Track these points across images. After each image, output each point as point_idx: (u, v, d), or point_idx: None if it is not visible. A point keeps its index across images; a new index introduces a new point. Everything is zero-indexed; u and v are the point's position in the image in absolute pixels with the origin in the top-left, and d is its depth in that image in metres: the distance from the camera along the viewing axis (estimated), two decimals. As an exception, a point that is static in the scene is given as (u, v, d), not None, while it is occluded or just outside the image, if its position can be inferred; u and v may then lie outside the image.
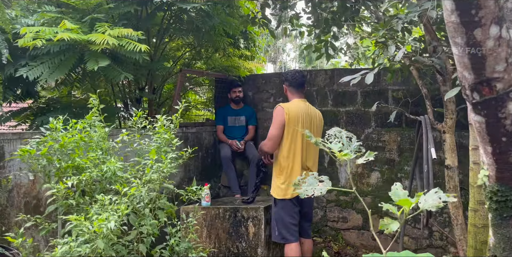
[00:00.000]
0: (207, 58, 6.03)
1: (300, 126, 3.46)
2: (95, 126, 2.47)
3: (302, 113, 3.52)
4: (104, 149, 2.44)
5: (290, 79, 3.67)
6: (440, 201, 1.61)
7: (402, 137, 4.71)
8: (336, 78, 5.11)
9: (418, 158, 4.00)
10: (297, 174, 3.40)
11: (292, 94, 3.67)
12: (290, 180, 3.38)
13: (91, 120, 2.48)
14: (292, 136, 3.43)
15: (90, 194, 2.30)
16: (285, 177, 3.43)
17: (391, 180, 4.75)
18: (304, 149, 3.53)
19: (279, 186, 3.44)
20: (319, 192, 1.89)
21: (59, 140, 2.31)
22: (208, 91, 6.86)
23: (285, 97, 5.41)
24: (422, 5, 3.26)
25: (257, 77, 5.70)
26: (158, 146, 2.47)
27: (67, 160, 2.28)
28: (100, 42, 3.53)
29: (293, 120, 3.44)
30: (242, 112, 5.33)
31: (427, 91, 3.82)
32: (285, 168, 3.43)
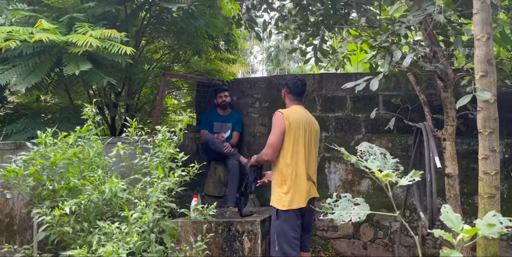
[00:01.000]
0: (185, 61, 5.78)
1: (301, 132, 3.29)
2: (90, 140, 2.17)
3: (302, 119, 3.35)
4: (101, 166, 2.15)
5: (291, 86, 3.50)
6: (502, 226, 1.46)
7: (394, 144, 4.61)
8: (325, 83, 4.97)
9: (415, 165, 3.90)
10: (302, 182, 3.23)
11: (290, 100, 3.50)
12: (295, 189, 3.21)
13: (85, 133, 2.18)
14: (294, 143, 3.25)
15: (86, 218, 2.01)
16: (288, 186, 3.23)
17: (382, 187, 4.63)
18: (306, 157, 3.36)
19: (282, 196, 3.24)
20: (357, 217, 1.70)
21: (49, 156, 2.01)
22: (187, 95, 6.59)
23: (271, 102, 5.24)
24: (426, 9, 3.16)
25: (242, 81, 5.48)
26: (161, 161, 2.21)
27: (59, 180, 1.99)
28: (82, 44, 3.22)
29: (294, 126, 3.26)
30: (229, 118, 5.08)
31: (425, 97, 3.72)
32: (288, 177, 3.24)
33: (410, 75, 3.75)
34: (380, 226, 4.65)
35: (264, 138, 5.28)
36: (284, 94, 3.56)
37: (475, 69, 2.67)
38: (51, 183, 1.98)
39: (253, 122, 5.34)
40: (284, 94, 3.56)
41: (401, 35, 3.17)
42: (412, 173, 1.55)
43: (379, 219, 4.65)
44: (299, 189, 3.24)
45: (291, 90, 3.51)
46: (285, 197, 3.22)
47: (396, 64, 3.07)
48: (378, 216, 4.65)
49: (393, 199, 4.44)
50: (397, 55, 3.00)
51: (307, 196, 3.27)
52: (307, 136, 3.40)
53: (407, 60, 2.87)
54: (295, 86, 3.52)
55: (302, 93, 3.56)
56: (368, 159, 1.63)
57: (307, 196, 3.28)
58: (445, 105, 3.47)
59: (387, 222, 4.62)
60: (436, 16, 2.93)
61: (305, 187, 3.26)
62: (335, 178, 4.88)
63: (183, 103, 6.66)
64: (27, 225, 3.24)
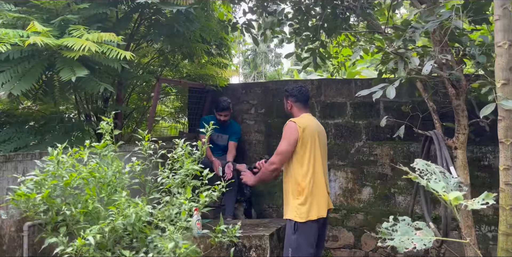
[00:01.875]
0: (174, 65, 5.56)
1: (317, 141, 3.17)
2: (107, 157, 1.94)
3: (315, 127, 3.25)
4: (120, 186, 1.93)
5: (298, 94, 3.38)
6: None
7: (395, 151, 4.52)
8: (324, 89, 4.84)
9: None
10: (321, 191, 3.13)
11: (299, 109, 3.37)
12: (313, 199, 3.08)
13: (101, 149, 1.94)
14: (310, 152, 3.13)
15: (105, 244, 1.79)
16: (306, 196, 3.09)
17: (383, 195, 4.55)
18: (323, 165, 3.25)
19: (299, 207, 3.09)
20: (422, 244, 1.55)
21: (61, 175, 1.78)
22: (175, 101, 6.35)
23: (267, 108, 5.08)
24: (441, 14, 3.07)
25: (237, 87, 5.31)
26: (182, 179, 2.01)
27: (74, 203, 1.76)
28: (80, 48, 2.99)
29: (309, 135, 3.14)
30: (228, 130, 4.86)
31: (433, 104, 3.64)
32: (305, 187, 3.10)
33: (418, 82, 3.66)
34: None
35: (260, 145, 5.12)
36: (291, 104, 3.40)
37: (496, 77, 2.58)
38: (67, 207, 1.75)
39: (248, 129, 5.17)
40: (290, 105, 3.40)
41: (416, 41, 3.07)
42: (485, 195, 1.42)
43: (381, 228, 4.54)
44: (318, 199, 3.12)
45: (298, 98, 3.39)
46: (303, 208, 3.08)
47: (412, 71, 2.97)
48: (380, 225, 4.54)
49: (395, 207, 4.33)
50: (415, 62, 2.89)
51: (326, 206, 3.16)
52: (322, 144, 3.29)
53: (427, 68, 2.76)
54: (301, 93, 3.40)
55: (308, 99, 3.46)
56: (431, 179, 1.48)
57: (326, 206, 3.17)
58: (457, 113, 3.39)
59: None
60: (454, 21, 2.84)
61: (324, 196, 3.16)
62: (335, 186, 4.76)
63: (171, 108, 6.41)
64: (17, 244, 2.98)
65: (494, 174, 4.15)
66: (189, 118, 5.34)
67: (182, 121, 6.02)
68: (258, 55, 32.95)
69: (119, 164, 1.91)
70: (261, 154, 5.09)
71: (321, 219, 3.14)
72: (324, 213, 3.11)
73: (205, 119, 4.93)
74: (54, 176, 1.77)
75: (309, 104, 3.46)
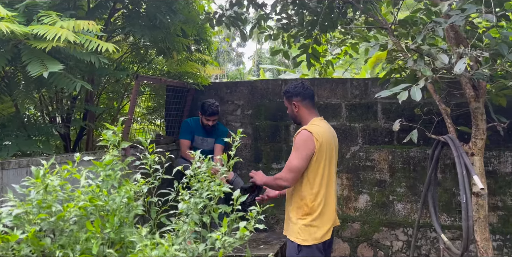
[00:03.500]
0: (147, 62, 5.05)
1: (333, 154, 2.76)
2: (113, 178, 1.44)
3: (331, 137, 2.80)
4: (131, 217, 1.45)
5: (303, 91, 2.84)
6: None
7: (394, 156, 4.24)
8: (317, 89, 4.50)
9: (431, 183, 3.53)
10: (330, 211, 2.71)
11: (309, 110, 2.85)
12: (322, 220, 2.66)
13: (103, 167, 1.44)
14: (324, 167, 2.69)
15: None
16: (314, 217, 2.68)
17: (382, 203, 4.26)
18: (335, 182, 2.85)
19: (304, 229, 2.68)
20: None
21: (48, 205, 1.29)
22: (148, 100, 5.82)
23: (255, 109, 4.67)
24: (466, 9, 2.78)
25: (221, 86, 4.87)
26: (206, 203, 1.56)
27: (70, 244, 1.27)
28: (54, 37, 2.48)
29: (325, 148, 2.68)
30: (213, 132, 4.41)
31: (445, 106, 3.37)
32: (315, 207, 2.67)
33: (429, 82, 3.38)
34: (380, 246, 4.25)
35: (247, 150, 4.71)
36: (297, 105, 2.83)
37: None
38: (62, 251, 1.26)
39: (234, 132, 4.73)
40: (297, 106, 2.83)
41: (441, 35, 2.76)
42: None
43: (379, 238, 4.26)
44: (326, 220, 2.70)
45: (305, 96, 2.82)
46: (310, 230, 2.67)
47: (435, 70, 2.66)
48: (378, 235, 4.26)
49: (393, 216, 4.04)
50: (443, 59, 2.58)
51: (332, 225, 2.76)
52: (336, 157, 2.87)
53: (460, 66, 2.45)
54: (305, 89, 2.84)
55: (314, 96, 2.97)
56: None
57: (333, 225, 2.77)
58: (475, 116, 3.13)
59: (388, 242, 4.24)
60: (486, 15, 2.55)
61: (332, 216, 2.75)
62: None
63: (143, 108, 5.87)
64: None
65: (499, 180, 3.95)
66: (166, 120, 4.85)
67: (157, 123, 5.51)
68: (221, 54, 32.29)
69: (130, 188, 1.43)
70: (248, 159, 4.68)
71: (327, 240, 2.75)
72: (328, 235, 2.72)
73: (187, 123, 4.47)
74: (40, 206, 1.29)
75: None
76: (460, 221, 4.06)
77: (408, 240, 4.16)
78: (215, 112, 4.21)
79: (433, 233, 4.10)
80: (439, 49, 2.76)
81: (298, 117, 2.89)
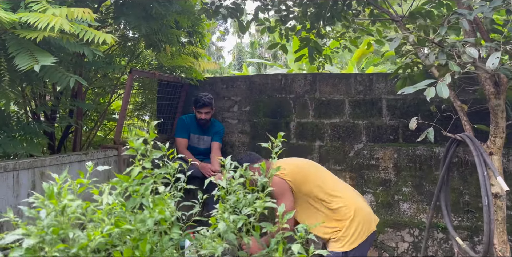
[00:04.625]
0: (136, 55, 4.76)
1: (312, 169, 2.74)
2: (143, 195, 1.14)
3: (294, 163, 2.79)
4: (167, 243, 1.18)
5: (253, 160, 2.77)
6: None
7: (400, 154, 4.08)
8: (319, 84, 4.30)
9: (444, 184, 3.38)
10: (362, 205, 2.69)
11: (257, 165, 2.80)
12: (357, 224, 2.55)
13: (129, 182, 1.15)
14: (320, 186, 2.67)
15: None
16: (347, 226, 2.56)
17: (386, 203, 4.11)
18: (341, 182, 2.75)
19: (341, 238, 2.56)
20: None
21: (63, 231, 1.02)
22: (136, 95, 5.51)
23: (253, 105, 4.43)
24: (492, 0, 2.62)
25: (217, 81, 4.61)
26: (245, 220, 1.30)
27: None
28: (47, 26, 2.19)
29: (303, 176, 2.68)
30: (209, 130, 4.17)
31: (460, 103, 3.22)
32: (344, 219, 2.56)
33: (443, 78, 3.21)
34: (385, 247, 4.10)
35: (244, 148, 4.48)
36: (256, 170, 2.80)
37: None
38: None
39: (231, 129, 4.51)
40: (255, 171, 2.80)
41: (466, 28, 2.59)
42: None
43: (384, 240, 4.11)
44: (362, 216, 2.62)
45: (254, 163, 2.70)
46: (348, 236, 2.55)
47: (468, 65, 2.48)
48: (382, 236, 4.11)
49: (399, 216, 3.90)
50: (472, 53, 2.41)
51: (369, 223, 2.67)
52: (317, 167, 2.83)
53: (493, 61, 2.29)
54: (252, 160, 2.76)
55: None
56: None
57: (370, 222, 2.67)
58: (495, 114, 2.98)
59: (393, 243, 4.09)
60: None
61: (367, 208, 2.72)
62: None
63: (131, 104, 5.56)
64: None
65: (508, 178, 3.84)
66: (158, 117, 4.57)
67: (146, 120, 5.21)
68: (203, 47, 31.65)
69: (171, 208, 1.17)
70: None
71: (372, 234, 2.66)
72: (374, 225, 2.66)
73: (182, 120, 4.22)
74: (57, 233, 1.02)
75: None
76: (468, 222, 3.94)
77: (414, 242, 4.02)
78: (207, 103, 3.98)
79: (440, 233, 3.98)
80: (464, 42, 2.59)
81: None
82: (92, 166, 1.28)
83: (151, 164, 1.27)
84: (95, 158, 3.29)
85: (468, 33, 3.04)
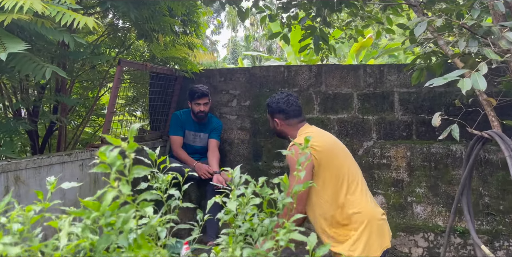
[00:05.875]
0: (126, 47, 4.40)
1: (342, 155, 2.30)
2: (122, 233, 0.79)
3: (328, 138, 2.35)
4: None
5: (287, 108, 2.36)
6: None
7: (413, 152, 3.77)
8: (325, 77, 3.96)
9: (465, 187, 3.07)
10: (376, 219, 2.30)
11: (293, 126, 2.37)
12: (369, 234, 2.20)
13: (114, 209, 0.78)
14: (339, 173, 2.21)
15: None
16: (359, 234, 2.21)
17: (399, 205, 3.80)
18: (364, 183, 2.42)
19: (351, 246, 2.21)
20: None
21: None
22: (127, 89, 5.15)
23: (253, 100, 4.09)
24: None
25: (214, 74, 4.27)
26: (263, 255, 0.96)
27: None
28: (15, 7, 1.84)
29: (328, 154, 2.19)
30: (206, 126, 3.84)
31: (488, 97, 2.90)
32: (354, 221, 2.20)
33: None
34: (397, 253, 3.80)
35: (244, 146, 4.15)
36: (279, 123, 2.38)
37: None
38: None
39: (229, 126, 4.17)
40: (278, 124, 2.39)
41: (502, 10, 2.27)
42: None
43: (396, 245, 3.81)
44: (375, 232, 2.27)
45: (289, 115, 2.36)
46: (357, 245, 2.22)
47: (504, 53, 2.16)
48: (394, 241, 3.80)
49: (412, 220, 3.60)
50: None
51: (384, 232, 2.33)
52: (349, 157, 2.39)
53: (539, 48, 1.97)
54: (289, 105, 2.37)
55: (301, 110, 2.44)
56: None
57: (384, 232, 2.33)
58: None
59: (406, 248, 3.79)
60: None
61: (383, 222, 2.35)
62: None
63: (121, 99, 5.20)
64: None
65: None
66: (151, 112, 4.22)
67: (138, 115, 4.87)
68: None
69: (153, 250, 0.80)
70: (245, 157, 4.13)
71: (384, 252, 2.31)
72: (388, 241, 2.31)
73: (176, 116, 3.88)
74: None
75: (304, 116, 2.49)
76: (488, 225, 3.64)
77: (429, 247, 3.72)
78: (205, 93, 3.66)
79: (458, 238, 3.68)
80: (501, 26, 2.27)
81: (281, 133, 2.43)
82: (54, 184, 0.94)
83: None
84: (80, 159, 2.95)
85: (497, 18, 2.72)
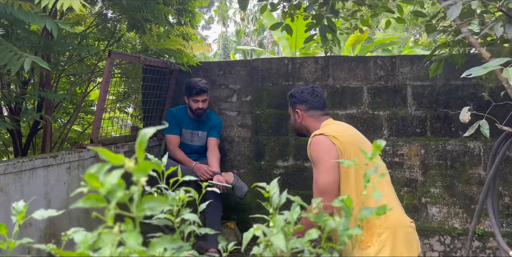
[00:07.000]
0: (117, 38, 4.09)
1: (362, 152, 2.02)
2: None
3: (352, 132, 2.12)
4: None
5: (311, 99, 2.21)
6: None
7: (427, 150, 3.52)
8: (332, 69, 3.69)
9: (490, 188, 2.83)
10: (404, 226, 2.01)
11: (316, 118, 2.20)
12: (395, 242, 1.92)
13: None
14: (357, 175, 1.95)
15: None
16: (383, 240, 1.94)
17: (412, 206, 3.55)
18: (390, 185, 2.16)
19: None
20: None
21: None
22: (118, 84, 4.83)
23: (254, 95, 3.78)
24: None
25: (212, 67, 3.97)
26: None
27: None
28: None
29: (348, 147, 1.96)
30: (205, 124, 3.55)
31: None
32: (378, 225, 1.94)
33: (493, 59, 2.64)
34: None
35: (245, 144, 3.87)
36: (301, 115, 2.23)
37: None
38: None
39: (229, 123, 3.88)
40: (300, 116, 2.23)
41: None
42: None
43: (409, 249, 3.56)
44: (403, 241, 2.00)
45: (312, 105, 2.20)
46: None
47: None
48: (408, 245, 3.56)
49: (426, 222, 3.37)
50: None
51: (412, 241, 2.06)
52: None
53: None
54: (314, 96, 2.21)
55: (325, 103, 2.28)
56: None
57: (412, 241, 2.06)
58: None
59: (421, 253, 3.54)
60: None
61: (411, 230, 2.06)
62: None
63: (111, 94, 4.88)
64: None
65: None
66: (144, 109, 3.91)
67: (130, 112, 4.55)
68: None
69: None
70: (247, 156, 3.85)
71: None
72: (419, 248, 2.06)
73: (172, 113, 3.58)
74: None
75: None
76: (508, 227, 3.41)
77: (446, 251, 3.48)
78: (204, 89, 3.38)
79: (476, 241, 3.44)
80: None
81: (302, 128, 2.27)
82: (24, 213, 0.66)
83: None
84: (67, 161, 2.65)
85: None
